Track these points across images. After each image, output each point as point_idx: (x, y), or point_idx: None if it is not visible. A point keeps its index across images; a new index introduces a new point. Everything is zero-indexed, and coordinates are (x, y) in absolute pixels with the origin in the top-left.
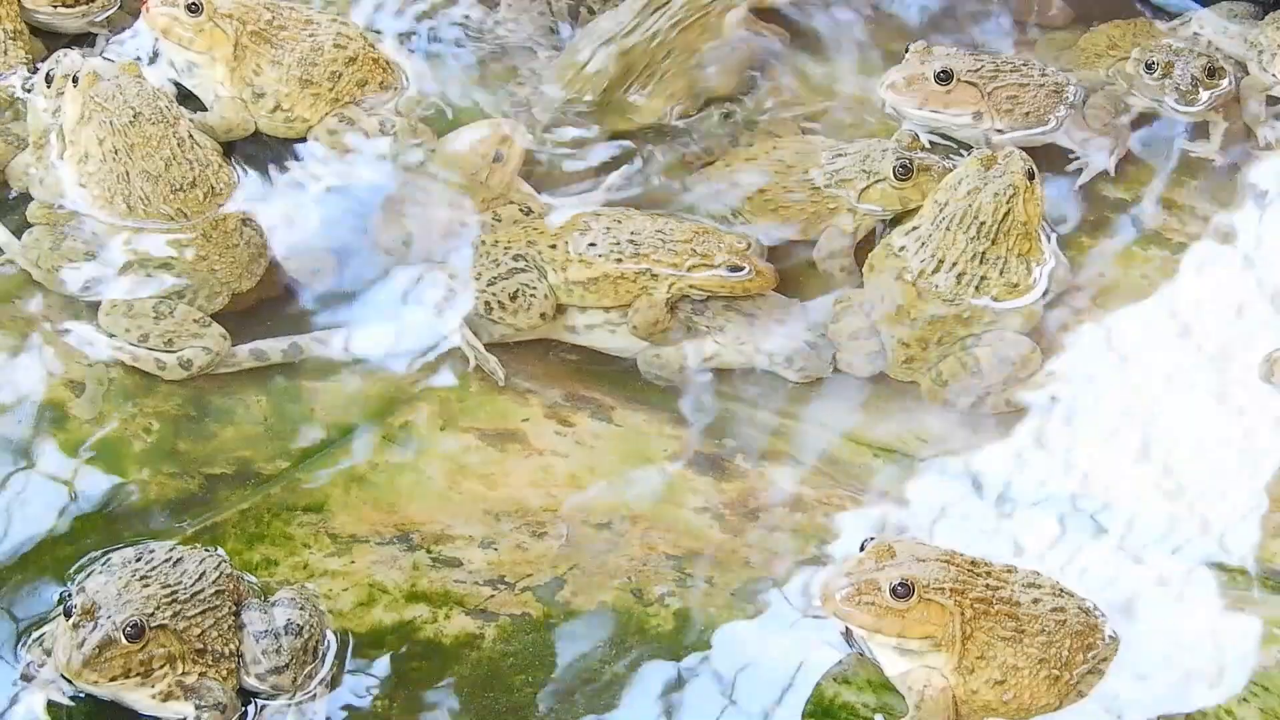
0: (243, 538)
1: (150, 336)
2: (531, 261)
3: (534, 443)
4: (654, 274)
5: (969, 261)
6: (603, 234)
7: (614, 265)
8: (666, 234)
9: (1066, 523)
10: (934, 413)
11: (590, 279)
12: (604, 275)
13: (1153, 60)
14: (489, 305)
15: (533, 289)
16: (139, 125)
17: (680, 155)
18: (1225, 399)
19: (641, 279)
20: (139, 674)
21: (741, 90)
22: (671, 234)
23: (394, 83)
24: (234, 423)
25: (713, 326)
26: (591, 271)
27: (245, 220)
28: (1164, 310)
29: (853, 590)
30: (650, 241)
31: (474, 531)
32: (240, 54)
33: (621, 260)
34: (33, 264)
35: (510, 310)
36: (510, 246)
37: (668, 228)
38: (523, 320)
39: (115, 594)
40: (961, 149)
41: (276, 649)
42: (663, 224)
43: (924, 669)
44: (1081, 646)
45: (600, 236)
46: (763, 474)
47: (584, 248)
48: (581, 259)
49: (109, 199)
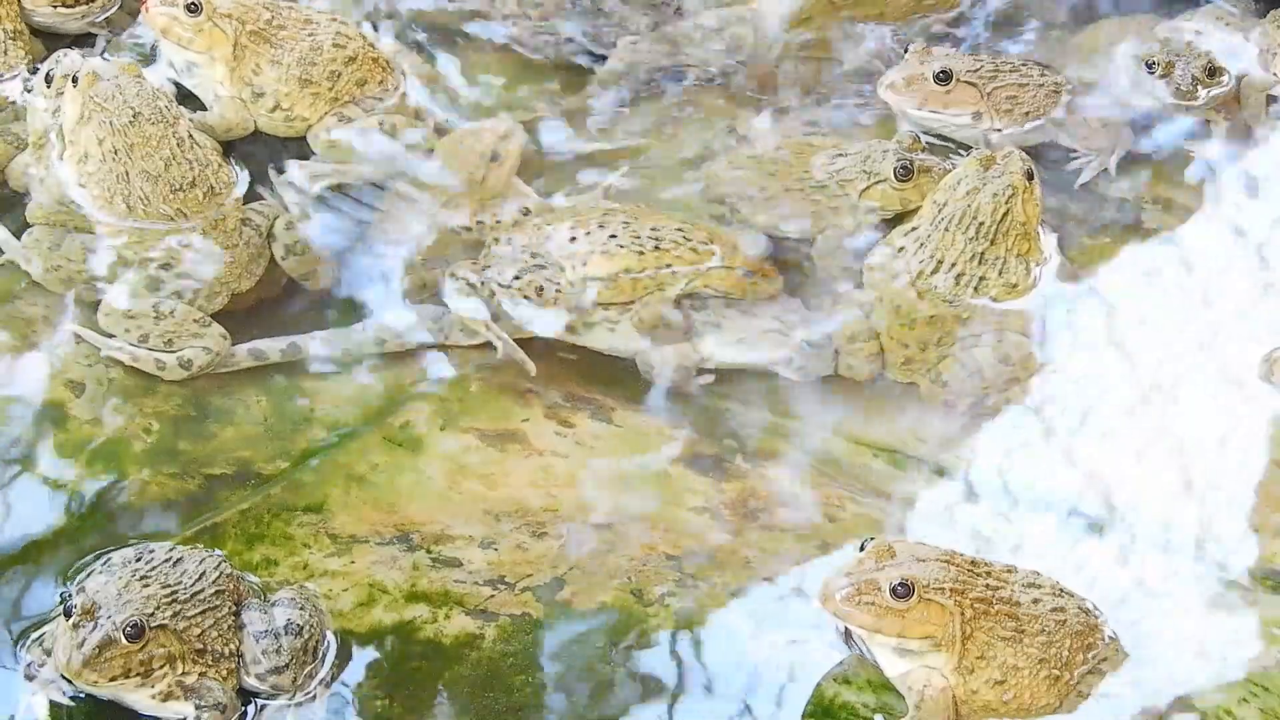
0: (243, 538)
1: (150, 337)
2: (548, 258)
3: (534, 443)
4: (674, 271)
5: (968, 262)
6: (621, 228)
7: (636, 258)
8: (687, 232)
9: (1066, 523)
10: (934, 413)
11: (611, 274)
12: (625, 269)
13: (1153, 60)
14: (514, 300)
15: (555, 283)
16: (139, 125)
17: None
18: (1225, 399)
19: (660, 276)
20: (139, 674)
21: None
22: (692, 232)
23: (394, 82)
24: (234, 423)
25: (711, 324)
26: (613, 265)
27: (244, 220)
28: (1164, 309)
29: (853, 590)
30: (672, 238)
31: (474, 531)
32: (240, 54)
33: (643, 253)
34: (32, 264)
35: (537, 304)
36: (528, 244)
37: (686, 226)
38: (550, 315)
39: (115, 594)
40: (960, 149)
41: (276, 649)
42: (680, 223)
43: (924, 669)
44: (1081, 646)
45: (620, 229)
46: (763, 474)
47: (605, 239)
48: (604, 251)
49: (109, 199)
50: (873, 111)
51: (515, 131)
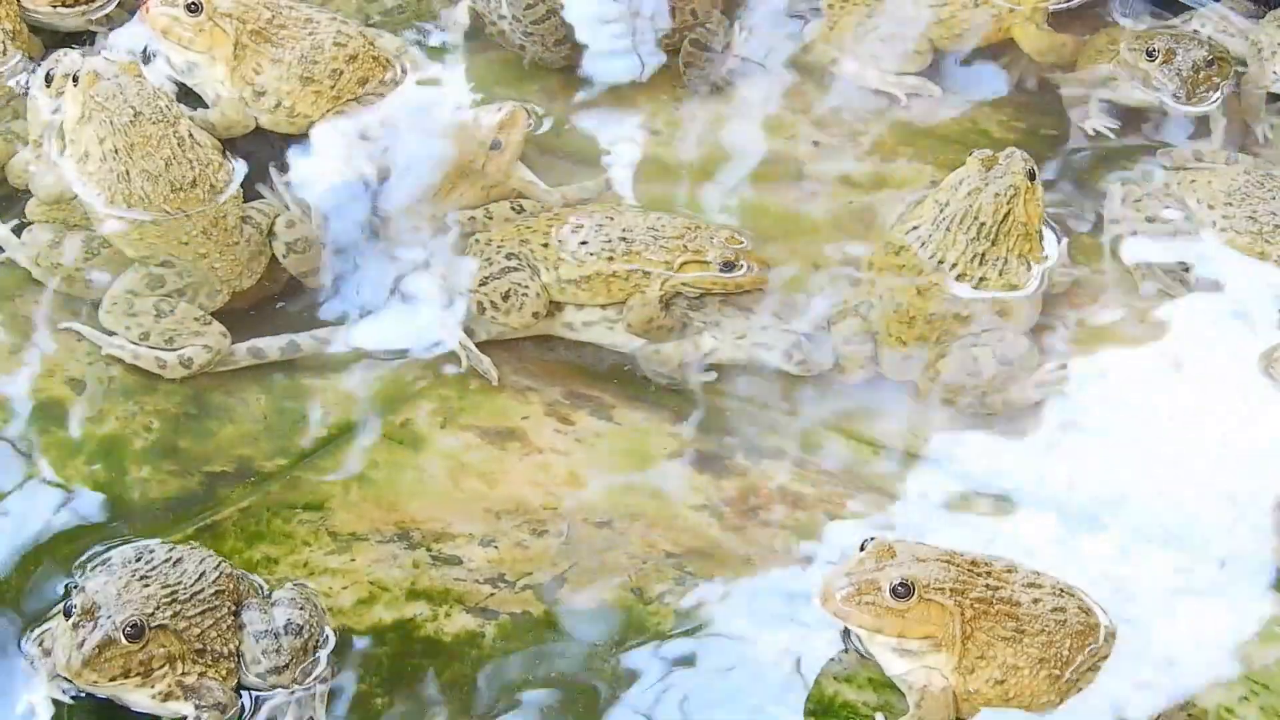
0: (243, 536)
1: (151, 334)
2: (524, 260)
3: (534, 441)
4: (646, 272)
5: (969, 262)
6: (594, 231)
7: (606, 264)
8: (659, 230)
9: (1066, 523)
10: (934, 412)
11: (583, 277)
12: (596, 274)
13: (1154, 47)
14: (481, 306)
15: (525, 288)
16: (139, 125)
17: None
18: (1226, 396)
19: (634, 277)
20: (139, 674)
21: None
22: (663, 230)
23: (395, 80)
24: (234, 421)
25: (709, 322)
26: (584, 270)
27: (245, 218)
28: (1163, 308)
29: (853, 590)
30: (642, 239)
31: (474, 529)
32: (240, 53)
33: (613, 259)
34: (32, 261)
35: (503, 310)
36: (504, 245)
37: (660, 224)
38: (515, 320)
39: (115, 594)
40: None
41: (276, 649)
42: (654, 220)
43: (924, 669)
44: (1082, 646)
45: (592, 234)
46: (763, 472)
47: (575, 246)
48: (574, 257)
49: (109, 198)
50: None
51: (517, 118)
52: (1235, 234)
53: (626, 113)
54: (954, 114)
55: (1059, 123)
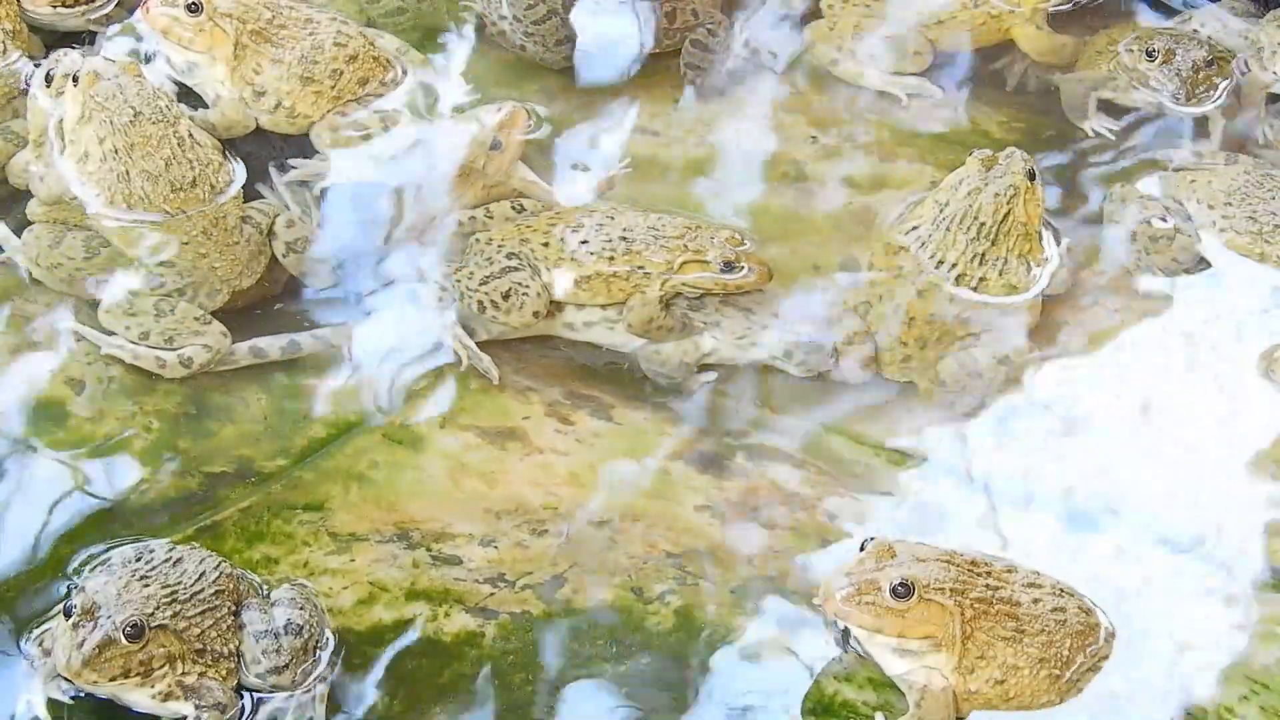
0: (243, 536)
1: (151, 334)
2: (525, 260)
3: (534, 441)
4: (647, 272)
5: (969, 263)
6: (595, 231)
7: (606, 264)
8: (659, 230)
9: (1066, 522)
10: (934, 412)
11: (583, 277)
12: (596, 274)
13: (1153, 48)
14: (481, 305)
15: (525, 288)
16: (139, 125)
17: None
18: (1225, 396)
19: (635, 277)
20: (139, 674)
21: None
22: (664, 230)
23: (395, 80)
24: (234, 421)
25: (709, 322)
26: (584, 270)
27: (245, 217)
28: (1163, 307)
29: (853, 590)
30: (643, 239)
31: (474, 529)
32: (241, 53)
33: (614, 259)
34: (32, 262)
35: (503, 310)
36: (504, 245)
37: (660, 223)
38: (515, 319)
39: (115, 594)
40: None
41: (277, 649)
42: (655, 220)
43: (924, 669)
44: (1082, 646)
45: (592, 234)
46: (763, 472)
47: (576, 246)
48: (574, 258)
49: (109, 198)
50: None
51: (517, 118)
52: (1235, 234)
53: (627, 113)
54: (954, 114)
55: (1059, 123)
